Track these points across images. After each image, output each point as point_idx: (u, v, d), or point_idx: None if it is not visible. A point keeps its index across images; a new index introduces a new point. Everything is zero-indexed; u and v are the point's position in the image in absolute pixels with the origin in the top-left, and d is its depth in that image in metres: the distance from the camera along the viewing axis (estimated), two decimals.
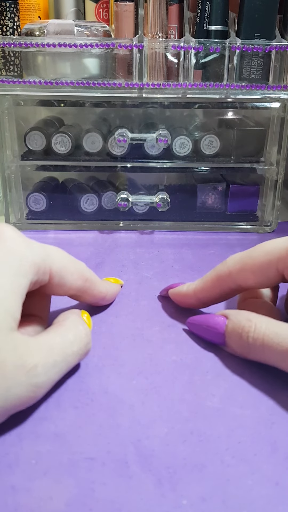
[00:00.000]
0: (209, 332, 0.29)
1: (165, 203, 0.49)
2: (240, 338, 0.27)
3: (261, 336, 0.26)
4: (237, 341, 0.27)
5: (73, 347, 0.26)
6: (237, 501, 0.20)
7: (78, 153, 0.49)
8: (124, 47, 0.44)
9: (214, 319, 0.29)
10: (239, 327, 0.27)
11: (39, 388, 0.23)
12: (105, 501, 0.20)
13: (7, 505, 0.19)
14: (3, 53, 0.44)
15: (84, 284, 0.30)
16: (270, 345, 0.25)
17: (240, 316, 0.28)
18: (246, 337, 0.26)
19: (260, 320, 0.27)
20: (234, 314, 0.28)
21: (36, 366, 0.23)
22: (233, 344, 0.28)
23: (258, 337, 0.26)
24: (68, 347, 0.25)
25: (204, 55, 0.44)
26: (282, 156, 0.48)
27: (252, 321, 0.27)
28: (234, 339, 0.27)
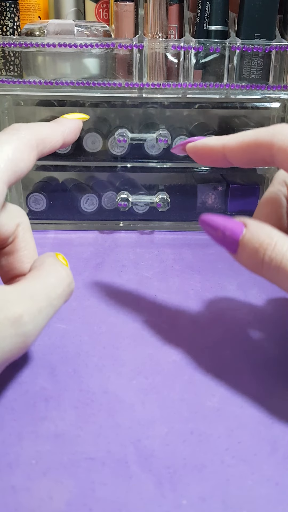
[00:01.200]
0: (222, 237, 0.26)
1: (165, 203, 0.49)
2: (255, 253, 0.24)
3: (279, 257, 0.23)
4: (251, 255, 0.25)
5: (57, 290, 0.25)
6: (237, 501, 0.20)
7: (78, 153, 0.49)
8: (124, 47, 0.44)
9: (231, 223, 0.26)
10: (257, 241, 0.24)
11: (28, 337, 0.23)
12: (105, 501, 0.20)
13: (7, 505, 0.19)
14: (3, 53, 0.44)
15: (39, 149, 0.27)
16: (284, 269, 0.23)
17: (261, 229, 0.25)
18: (263, 253, 0.24)
19: (282, 240, 0.24)
20: (254, 225, 0.25)
21: (21, 315, 0.22)
22: (246, 257, 0.25)
23: (276, 257, 0.24)
24: (51, 291, 0.25)
25: (204, 55, 0.44)
26: None
27: (273, 239, 0.24)
28: (248, 252, 0.25)
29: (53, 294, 0.25)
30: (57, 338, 0.31)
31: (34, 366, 0.28)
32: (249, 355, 0.29)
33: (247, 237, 0.25)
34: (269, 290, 0.37)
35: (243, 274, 0.38)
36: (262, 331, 0.32)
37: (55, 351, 0.29)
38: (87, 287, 0.37)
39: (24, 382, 0.26)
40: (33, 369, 0.27)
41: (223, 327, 0.32)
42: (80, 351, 0.29)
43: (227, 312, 0.34)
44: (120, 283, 0.38)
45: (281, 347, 0.30)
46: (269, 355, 0.29)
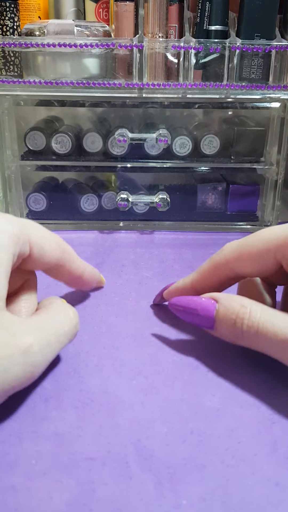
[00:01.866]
0: (196, 316, 0.27)
1: (165, 203, 0.49)
2: (233, 324, 0.26)
3: (255, 324, 0.25)
4: (229, 328, 0.26)
5: (64, 327, 0.26)
6: (237, 501, 0.20)
7: (78, 153, 0.49)
8: (124, 47, 0.44)
9: (202, 302, 0.27)
10: (233, 312, 0.26)
11: (36, 368, 0.23)
12: (105, 501, 0.20)
13: (7, 505, 0.19)
14: (3, 53, 0.44)
15: (63, 255, 0.30)
16: (265, 333, 0.24)
17: (233, 301, 0.26)
18: (241, 324, 0.25)
19: (255, 306, 0.26)
20: (225, 298, 0.27)
21: (31, 345, 0.23)
22: (224, 330, 0.26)
23: (252, 325, 0.25)
24: (59, 327, 0.26)
25: (204, 55, 0.44)
26: (282, 156, 0.48)
27: (247, 307, 0.25)
28: (226, 325, 0.26)
29: (61, 330, 0.26)
30: None
31: None
32: (249, 355, 0.29)
33: (221, 311, 0.26)
34: None
35: None
36: None
37: None
38: None
39: None
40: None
41: None
42: (80, 351, 0.29)
43: None
44: (120, 283, 0.38)
45: None
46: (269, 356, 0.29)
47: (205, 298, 0.28)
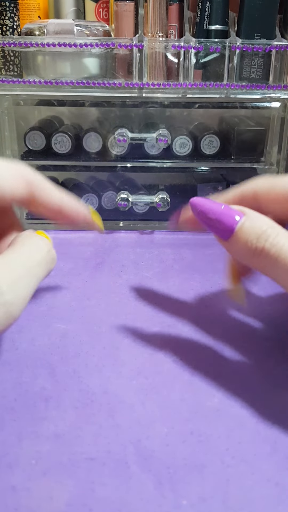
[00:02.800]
0: (216, 222, 0.25)
1: (165, 203, 0.49)
2: (255, 239, 0.24)
3: (280, 245, 0.23)
4: (249, 242, 0.24)
5: (35, 257, 0.25)
6: (237, 501, 0.20)
7: (78, 153, 0.49)
8: (124, 47, 0.44)
9: (228, 210, 0.25)
10: (260, 228, 0.24)
11: (10, 306, 0.23)
12: (105, 501, 0.20)
13: (7, 505, 0.19)
14: (3, 53, 0.44)
15: (30, 187, 0.27)
16: (286, 257, 0.23)
17: (263, 218, 0.25)
18: (264, 240, 0.24)
19: (284, 231, 0.24)
20: (254, 213, 0.25)
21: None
22: (242, 243, 0.25)
23: (276, 245, 0.23)
24: (28, 258, 0.25)
25: (204, 54, 0.44)
26: (282, 156, 0.48)
27: (275, 229, 0.24)
28: (246, 239, 0.24)
29: (30, 262, 0.24)
30: (57, 338, 0.30)
31: (34, 366, 0.28)
32: (249, 355, 0.29)
33: (248, 223, 0.25)
34: (269, 289, 0.37)
35: None
36: (262, 331, 0.32)
37: (55, 351, 0.29)
38: (87, 287, 0.37)
39: (24, 382, 0.26)
40: (33, 369, 0.27)
41: (223, 327, 0.32)
42: (80, 351, 0.29)
43: (227, 312, 0.34)
44: (120, 283, 0.38)
45: (281, 347, 0.30)
46: (269, 355, 0.29)
47: (231, 208, 0.26)
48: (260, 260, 0.24)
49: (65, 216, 0.30)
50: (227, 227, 0.25)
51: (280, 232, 0.24)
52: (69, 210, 0.30)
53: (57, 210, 0.30)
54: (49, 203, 0.29)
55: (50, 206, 0.29)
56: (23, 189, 0.27)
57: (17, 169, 0.27)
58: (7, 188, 0.26)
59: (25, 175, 0.27)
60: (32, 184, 0.28)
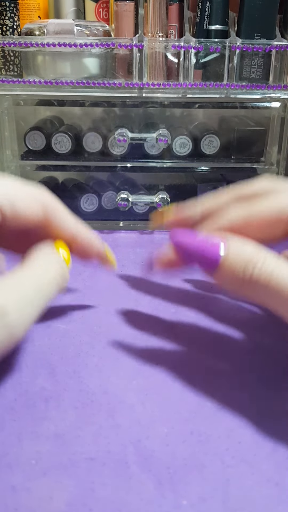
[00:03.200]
0: (199, 254, 0.24)
1: (165, 203, 0.49)
2: (242, 268, 0.23)
3: (269, 271, 0.22)
4: (236, 271, 0.23)
5: (46, 276, 0.24)
6: (237, 501, 0.20)
7: (78, 153, 0.49)
8: (124, 47, 0.44)
9: (210, 240, 0.24)
10: (245, 255, 0.23)
11: (14, 328, 0.22)
12: (105, 501, 0.20)
13: (7, 505, 0.19)
14: (3, 53, 0.44)
15: (46, 211, 0.27)
16: (277, 283, 0.22)
17: (247, 245, 0.24)
18: (252, 268, 0.23)
19: (271, 255, 0.23)
20: (237, 240, 0.24)
21: (4, 306, 0.21)
22: (230, 274, 0.24)
23: (265, 272, 0.22)
24: (38, 278, 0.24)
25: (204, 54, 0.44)
26: (282, 156, 0.48)
27: (261, 253, 0.23)
28: (234, 268, 0.23)
29: (40, 283, 0.24)
30: (57, 338, 0.30)
31: (34, 366, 0.28)
32: (250, 355, 0.29)
33: (232, 252, 0.24)
34: None
35: None
36: (263, 331, 0.32)
37: (55, 351, 0.29)
38: (87, 287, 0.37)
39: (24, 382, 0.26)
40: (33, 369, 0.27)
41: (223, 327, 0.32)
42: (80, 351, 0.29)
43: (227, 312, 0.34)
44: (120, 283, 0.38)
45: (281, 347, 0.30)
46: (269, 355, 0.29)
47: (213, 238, 0.25)
48: (250, 288, 0.23)
49: (79, 245, 0.29)
50: (212, 260, 0.24)
51: (267, 256, 0.23)
52: (83, 240, 0.30)
53: (70, 237, 0.29)
54: (63, 228, 0.28)
55: (64, 232, 0.28)
56: (38, 211, 0.26)
57: (34, 191, 0.27)
58: (22, 208, 0.26)
59: (42, 198, 0.27)
60: (47, 208, 0.27)
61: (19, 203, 0.25)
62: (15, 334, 0.22)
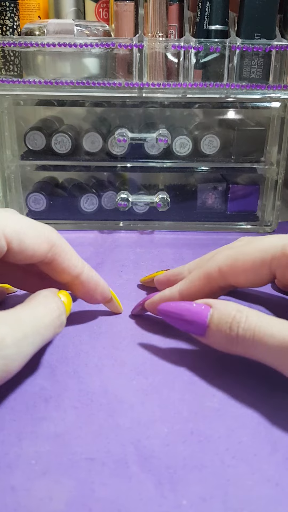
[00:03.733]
0: (187, 322, 0.26)
1: (165, 203, 0.49)
2: (228, 329, 0.25)
3: (252, 327, 0.24)
4: (224, 333, 0.25)
5: (44, 319, 0.25)
6: (237, 501, 0.20)
7: (78, 153, 0.49)
8: (124, 47, 0.43)
9: (195, 307, 0.26)
10: (228, 316, 0.25)
11: (10, 361, 0.23)
12: (105, 501, 0.20)
13: (7, 505, 0.19)
14: (3, 53, 0.44)
15: (52, 249, 0.28)
16: (261, 337, 0.24)
17: (228, 306, 0.26)
18: (237, 327, 0.24)
19: (252, 312, 0.25)
20: (220, 303, 0.26)
21: (4, 338, 0.22)
22: (218, 335, 0.25)
23: (249, 328, 0.24)
24: (38, 319, 0.25)
25: (204, 54, 0.44)
26: (282, 156, 0.48)
27: (243, 312, 0.25)
28: (220, 330, 0.25)
29: (40, 323, 0.25)
30: (57, 338, 0.30)
31: (34, 366, 0.28)
32: None
33: (216, 315, 0.26)
34: (269, 289, 0.37)
35: None
36: None
37: (55, 351, 0.29)
38: None
39: (24, 382, 0.26)
40: (33, 369, 0.27)
41: None
42: (80, 351, 0.29)
43: None
44: (120, 283, 0.38)
45: None
46: None
47: (197, 304, 0.27)
48: (240, 346, 0.25)
49: (83, 284, 0.30)
50: (200, 324, 0.26)
51: (248, 314, 0.25)
52: (88, 280, 0.30)
53: (75, 276, 0.30)
54: (68, 266, 0.29)
55: (68, 270, 0.29)
56: (45, 248, 0.27)
57: (42, 228, 0.28)
58: (30, 245, 0.27)
59: (49, 236, 0.28)
60: (54, 246, 0.28)
61: (27, 239, 0.26)
62: (10, 368, 0.23)
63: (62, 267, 0.29)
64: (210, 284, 0.29)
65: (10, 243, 0.26)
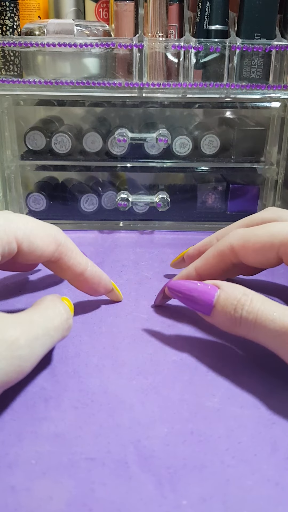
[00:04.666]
0: (194, 300, 0.28)
1: (165, 203, 0.49)
2: (233, 310, 0.26)
3: (255, 310, 0.25)
4: (228, 313, 0.26)
5: (54, 322, 0.26)
6: (237, 501, 0.20)
7: (78, 153, 0.49)
8: (124, 47, 0.43)
9: (203, 286, 0.28)
10: (234, 298, 0.26)
11: (23, 361, 0.23)
12: (105, 501, 0.20)
13: (7, 505, 0.19)
14: (3, 53, 0.44)
15: (58, 248, 0.30)
16: (263, 320, 0.25)
17: (235, 288, 0.27)
18: (240, 309, 0.26)
19: (257, 296, 0.26)
20: (227, 285, 0.27)
21: (18, 338, 0.23)
22: (222, 316, 0.26)
23: (252, 311, 0.25)
24: (48, 321, 0.25)
25: (204, 54, 0.44)
26: (282, 156, 0.48)
27: (249, 296, 0.26)
28: (225, 311, 0.26)
29: (50, 324, 0.25)
30: None
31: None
32: (249, 355, 0.29)
33: (223, 296, 0.27)
34: (269, 290, 0.37)
35: None
36: None
37: (55, 351, 0.29)
38: None
39: (24, 382, 0.26)
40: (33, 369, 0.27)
41: None
42: (80, 351, 0.29)
43: None
44: (120, 283, 0.38)
45: None
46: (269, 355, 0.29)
47: (205, 284, 0.28)
48: (242, 328, 0.26)
49: (87, 280, 0.32)
50: (207, 303, 0.27)
51: (253, 298, 0.26)
52: (92, 275, 0.32)
53: (79, 273, 0.31)
54: (73, 264, 0.31)
55: (74, 268, 0.31)
56: (53, 248, 0.29)
57: (50, 229, 0.30)
58: (39, 245, 0.28)
59: (56, 236, 0.30)
60: (60, 245, 0.30)
61: (37, 240, 0.28)
62: (24, 368, 0.23)
63: (67, 265, 0.31)
64: (223, 261, 0.31)
65: (21, 245, 0.28)
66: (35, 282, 0.38)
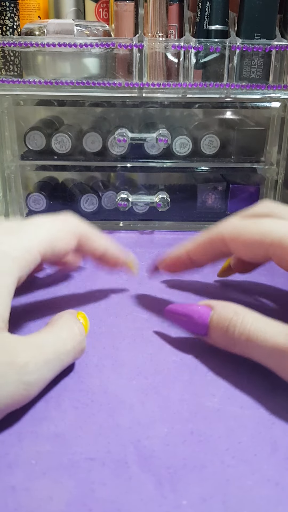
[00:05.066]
0: (191, 323, 0.28)
1: (165, 203, 0.49)
2: (226, 331, 0.26)
3: (246, 331, 0.25)
4: (222, 334, 0.27)
5: (66, 346, 0.25)
6: (237, 501, 0.20)
7: (78, 153, 0.49)
8: (124, 47, 0.44)
9: (197, 309, 0.28)
10: (226, 319, 0.26)
11: (31, 386, 0.23)
12: (105, 501, 0.20)
13: (7, 505, 0.19)
14: (3, 53, 0.44)
15: (79, 240, 0.31)
16: (255, 340, 0.25)
17: (227, 308, 0.27)
18: (233, 330, 0.26)
19: (248, 314, 0.26)
20: (219, 305, 0.27)
21: (27, 363, 0.23)
22: (217, 336, 0.27)
23: (244, 331, 0.25)
24: (61, 345, 0.25)
25: (204, 54, 0.44)
26: (282, 156, 0.48)
27: (240, 315, 0.26)
28: (219, 332, 0.27)
29: (62, 349, 0.25)
30: None
31: None
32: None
33: (215, 317, 0.27)
34: (269, 290, 0.37)
35: (243, 274, 0.38)
36: None
37: None
38: (87, 287, 0.37)
39: None
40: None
41: None
42: None
43: None
44: (120, 283, 0.38)
45: None
46: None
47: (200, 306, 0.28)
48: (237, 347, 0.26)
49: (108, 260, 0.33)
50: (202, 325, 0.28)
51: (244, 316, 0.26)
52: (112, 254, 0.34)
53: (101, 255, 0.33)
54: (95, 249, 0.32)
55: (95, 253, 0.32)
56: (74, 243, 0.30)
57: (69, 226, 0.30)
58: (62, 247, 0.29)
59: (75, 230, 0.31)
60: (81, 236, 0.31)
61: (59, 244, 0.29)
62: (31, 393, 0.23)
63: (89, 250, 0.32)
64: (212, 248, 0.32)
65: (45, 255, 0.28)
66: (35, 282, 0.38)
